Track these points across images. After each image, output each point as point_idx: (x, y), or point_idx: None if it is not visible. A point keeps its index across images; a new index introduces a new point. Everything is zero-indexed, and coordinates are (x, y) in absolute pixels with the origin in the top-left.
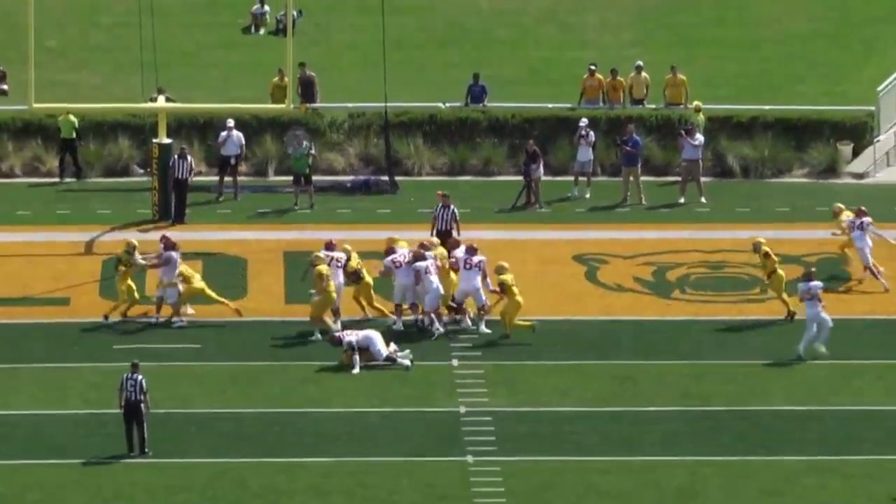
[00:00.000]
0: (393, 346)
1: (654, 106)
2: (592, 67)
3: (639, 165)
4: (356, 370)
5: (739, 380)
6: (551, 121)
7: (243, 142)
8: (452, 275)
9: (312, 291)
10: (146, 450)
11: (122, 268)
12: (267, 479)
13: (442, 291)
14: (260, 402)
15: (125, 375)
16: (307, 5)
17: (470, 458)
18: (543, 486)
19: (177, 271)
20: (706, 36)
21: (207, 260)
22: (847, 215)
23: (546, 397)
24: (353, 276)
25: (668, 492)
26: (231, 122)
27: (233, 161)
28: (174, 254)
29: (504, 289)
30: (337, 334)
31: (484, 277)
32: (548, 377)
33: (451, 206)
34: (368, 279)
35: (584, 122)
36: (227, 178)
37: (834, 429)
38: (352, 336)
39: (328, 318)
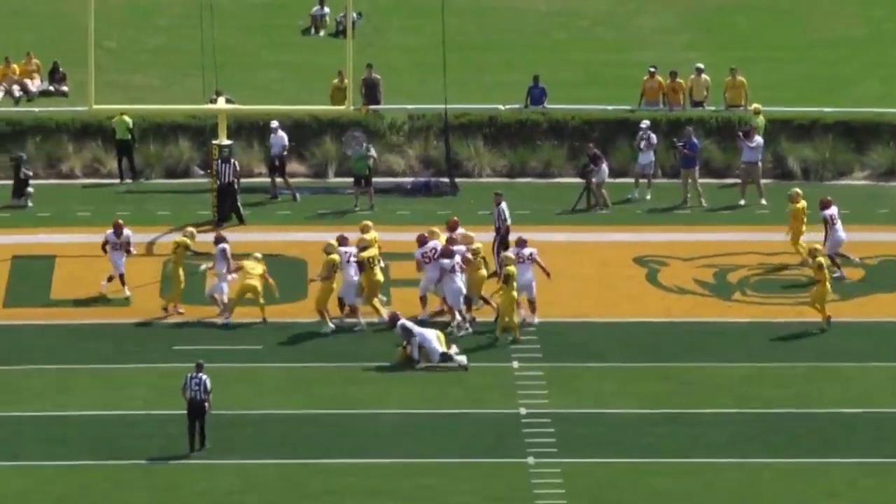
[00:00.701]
0: (455, 348)
1: (714, 108)
2: (652, 69)
3: (696, 168)
4: (416, 356)
5: (798, 382)
6: (611, 123)
7: (286, 142)
8: (483, 270)
9: (315, 278)
10: (206, 444)
11: (180, 254)
12: (325, 480)
13: (464, 291)
14: (318, 403)
15: (189, 375)
16: (365, 7)
17: (531, 460)
18: (603, 487)
19: (226, 265)
20: (763, 38)
21: (267, 261)
22: (801, 204)
23: (606, 399)
24: (359, 268)
25: (726, 494)
26: (275, 123)
27: (276, 162)
28: (224, 245)
29: (507, 281)
30: (395, 312)
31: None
32: (608, 379)
33: (501, 205)
34: (379, 277)
35: (645, 123)
36: (281, 180)
37: (890, 432)
38: (407, 324)
39: (326, 314)
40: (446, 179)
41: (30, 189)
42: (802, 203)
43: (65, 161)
